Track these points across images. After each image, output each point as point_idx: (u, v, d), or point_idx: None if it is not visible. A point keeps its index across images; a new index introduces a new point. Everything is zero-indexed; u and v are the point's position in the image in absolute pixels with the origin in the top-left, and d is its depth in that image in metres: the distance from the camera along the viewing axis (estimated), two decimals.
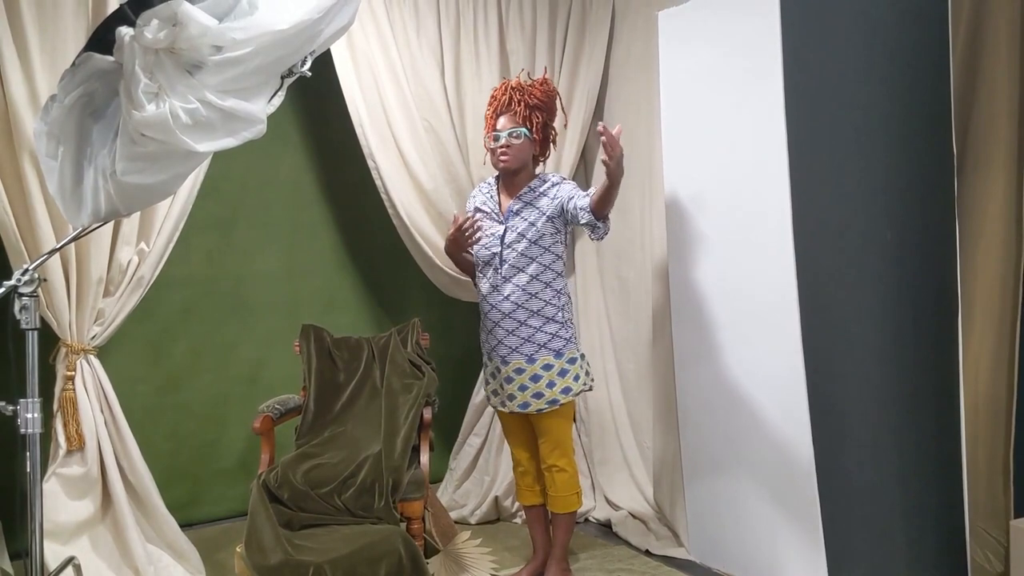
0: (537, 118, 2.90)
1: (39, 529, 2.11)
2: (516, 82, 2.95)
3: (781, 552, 2.81)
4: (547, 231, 2.86)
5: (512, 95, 2.91)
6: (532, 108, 2.89)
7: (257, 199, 3.77)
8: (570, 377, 2.89)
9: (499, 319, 2.90)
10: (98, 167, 1.98)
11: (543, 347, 2.87)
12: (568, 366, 2.89)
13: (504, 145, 2.88)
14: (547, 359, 2.87)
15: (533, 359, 2.87)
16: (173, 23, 1.78)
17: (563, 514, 2.99)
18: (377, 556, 2.48)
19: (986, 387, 2.80)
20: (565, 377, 2.88)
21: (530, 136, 2.88)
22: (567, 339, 2.90)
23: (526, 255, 2.86)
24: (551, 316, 2.87)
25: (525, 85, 2.92)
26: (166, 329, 3.59)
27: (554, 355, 2.87)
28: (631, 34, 3.73)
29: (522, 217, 2.88)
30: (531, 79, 2.98)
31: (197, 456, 3.67)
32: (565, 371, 2.88)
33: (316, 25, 1.95)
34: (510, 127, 2.88)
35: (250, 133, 1.97)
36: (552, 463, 2.94)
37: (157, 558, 2.98)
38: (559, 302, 2.89)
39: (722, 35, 2.86)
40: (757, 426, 2.85)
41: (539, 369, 2.87)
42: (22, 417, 2.04)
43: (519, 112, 2.88)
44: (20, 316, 2.02)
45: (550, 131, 2.98)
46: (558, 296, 2.89)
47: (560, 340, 2.88)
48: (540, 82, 2.94)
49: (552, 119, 2.97)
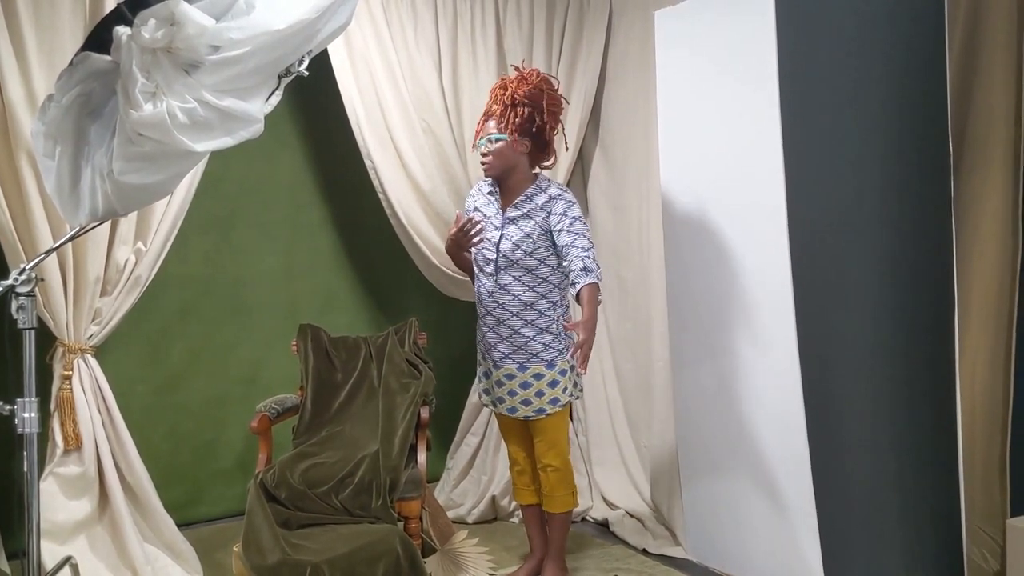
0: (518, 115, 2.75)
1: (36, 529, 2.11)
2: (501, 80, 2.85)
3: (778, 551, 2.81)
4: (542, 244, 2.79)
5: (496, 95, 2.82)
6: (515, 106, 2.75)
7: (255, 199, 3.77)
8: (559, 389, 2.86)
9: (494, 324, 2.88)
10: (95, 167, 1.98)
11: (535, 356, 2.84)
12: (559, 377, 2.86)
13: (483, 152, 2.82)
14: (538, 368, 2.84)
15: (525, 367, 2.85)
16: (170, 23, 1.79)
17: (559, 514, 2.97)
18: (375, 555, 2.48)
19: (982, 387, 2.80)
20: (555, 388, 2.85)
21: (508, 139, 2.77)
22: (559, 350, 2.85)
23: (521, 265, 2.81)
24: (545, 327, 2.83)
25: (508, 82, 2.80)
26: (164, 329, 3.59)
27: (546, 365, 2.84)
28: (628, 34, 3.73)
29: (518, 227, 2.81)
30: (521, 72, 2.83)
31: (195, 456, 3.67)
32: (555, 382, 2.85)
33: (313, 25, 1.95)
34: (489, 132, 2.80)
35: (247, 133, 1.97)
36: (547, 463, 2.92)
37: (155, 558, 2.98)
38: (554, 313, 2.85)
39: (718, 35, 2.86)
40: (754, 426, 2.86)
41: (529, 377, 2.85)
42: (19, 417, 2.04)
43: (498, 113, 2.78)
44: (17, 316, 2.02)
45: (544, 127, 2.80)
46: (553, 308, 2.85)
47: (552, 351, 2.84)
48: (524, 76, 2.80)
49: (543, 114, 2.78)
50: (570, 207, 2.77)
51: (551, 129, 2.84)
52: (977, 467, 2.81)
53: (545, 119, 2.79)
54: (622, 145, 3.78)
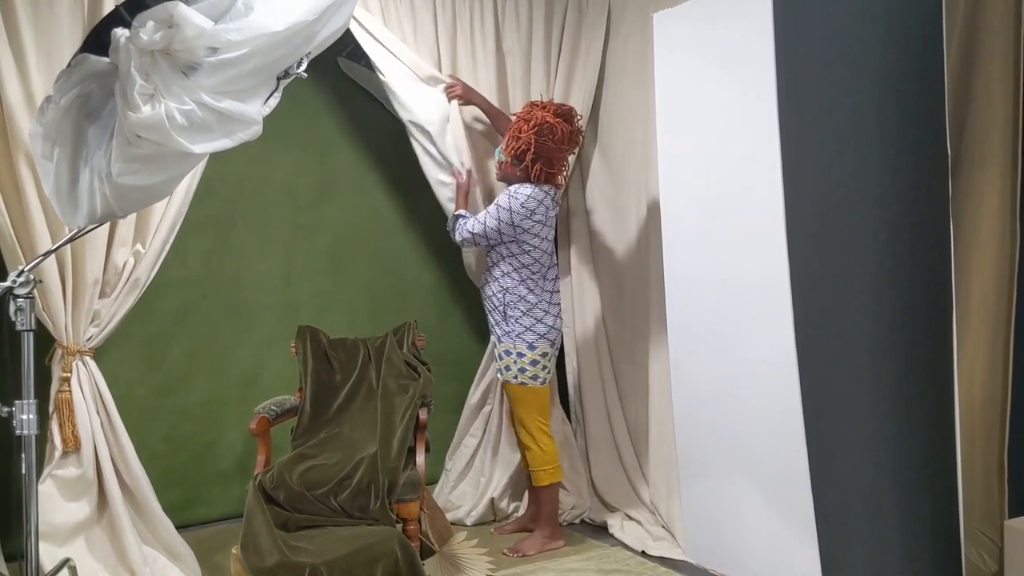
0: (514, 146, 3.29)
1: (35, 531, 2.11)
2: (525, 107, 3.39)
3: (776, 553, 2.81)
4: (495, 239, 3.33)
5: (515, 119, 3.39)
6: (516, 137, 3.28)
7: (254, 201, 3.77)
8: (503, 365, 3.42)
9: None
10: (94, 168, 1.98)
11: (494, 330, 3.45)
12: (504, 355, 3.40)
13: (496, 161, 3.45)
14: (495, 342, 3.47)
15: (499, 339, 3.43)
16: (169, 24, 1.79)
17: (539, 487, 3.39)
18: (373, 557, 2.48)
19: (981, 387, 2.80)
20: (501, 362, 3.43)
21: (504, 159, 3.35)
22: (504, 332, 3.38)
23: (490, 257, 3.44)
24: (496, 308, 3.40)
25: (522, 114, 3.33)
26: (163, 331, 3.58)
27: (497, 340, 3.43)
28: (627, 34, 3.73)
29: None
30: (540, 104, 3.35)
31: (194, 458, 3.67)
32: (501, 357, 3.42)
33: (312, 27, 1.96)
34: (498, 147, 3.44)
35: (246, 134, 1.97)
36: (520, 439, 3.46)
37: (153, 560, 2.97)
38: (504, 299, 3.36)
39: (716, 37, 2.87)
40: (752, 427, 2.85)
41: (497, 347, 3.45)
42: (17, 419, 2.05)
43: (506, 137, 3.36)
44: (16, 318, 2.02)
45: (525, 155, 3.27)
46: (504, 294, 3.36)
47: (499, 331, 3.41)
48: (532, 116, 3.28)
49: (519, 144, 3.26)
50: (504, 197, 3.28)
51: (535, 163, 3.28)
52: (976, 468, 2.81)
53: (530, 151, 3.26)
54: (620, 146, 3.78)
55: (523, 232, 3.28)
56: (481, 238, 3.33)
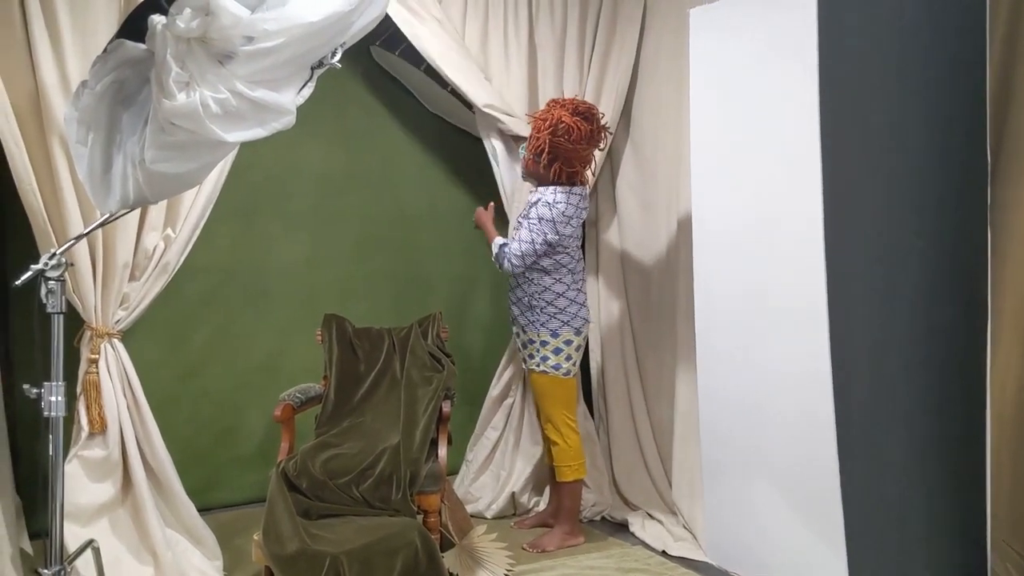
0: (534, 143, 3.31)
1: (59, 510, 2.13)
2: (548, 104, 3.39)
3: (799, 559, 2.78)
4: (543, 251, 3.29)
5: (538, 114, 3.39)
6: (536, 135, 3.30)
7: (281, 189, 3.78)
8: (526, 354, 3.47)
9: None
10: (127, 154, 1.99)
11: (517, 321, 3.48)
12: (528, 344, 3.44)
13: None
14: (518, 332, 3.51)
15: (523, 329, 3.44)
16: (205, 12, 1.78)
17: (562, 483, 3.38)
18: (393, 548, 2.49)
19: (1013, 397, 2.75)
20: (525, 350, 3.47)
21: (527, 155, 3.38)
22: (529, 322, 3.39)
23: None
24: (521, 301, 3.41)
25: (541, 113, 3.36)
26: (187, 316, 3.61)
27: (521, 331, 3.46)
28: (661, 30, 3.69)
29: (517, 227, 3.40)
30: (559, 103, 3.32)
31: (215, 441, 3.70)
32: (525, 346, 3.46)
33: (347, 17, 1.95)
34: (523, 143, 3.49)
35: (279, 124, 1.97)
36: (546, 434, 3.44)
37: (175, 542, 2.99)
38: (533, 291, 3.37)
39: (755, 33, 2.81)
40: (780, 432, 2.82)
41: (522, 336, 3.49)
42: (45, 400, 2.06)
43: (529, 134, 3.39)
44: (47, 300, 2.03)
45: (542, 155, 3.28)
46: (544, 292, 3.36)
47: (523, 320, 3.42)
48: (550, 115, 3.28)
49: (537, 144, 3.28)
50: (540, 208, 3.25)
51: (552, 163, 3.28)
52: (1004, 480, 2.76)
53: (545, 151, 3.27)
54: (652, 142, 3.75)
55: (564, 237, 3.29)
56: (530, 257, 3.27)
